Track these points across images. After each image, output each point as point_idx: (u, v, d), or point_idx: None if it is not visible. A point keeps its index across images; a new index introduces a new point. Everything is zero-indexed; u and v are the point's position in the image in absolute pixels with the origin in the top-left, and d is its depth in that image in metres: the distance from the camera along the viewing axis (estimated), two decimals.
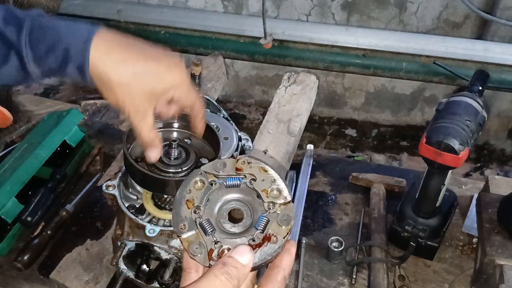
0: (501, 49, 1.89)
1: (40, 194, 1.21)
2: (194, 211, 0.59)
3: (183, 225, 0.58)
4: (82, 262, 1.11)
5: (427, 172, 1.03)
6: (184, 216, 0.59)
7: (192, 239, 0.57)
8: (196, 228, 0.58)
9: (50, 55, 0.70)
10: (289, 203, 0.60)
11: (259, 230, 0.58)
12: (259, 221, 0.58)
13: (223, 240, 0.57)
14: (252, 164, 0.62)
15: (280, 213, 0.59)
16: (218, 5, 2.33)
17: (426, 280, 1.10)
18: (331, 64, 2.05)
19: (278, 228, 0.58)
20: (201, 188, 0.61)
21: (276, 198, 0.60)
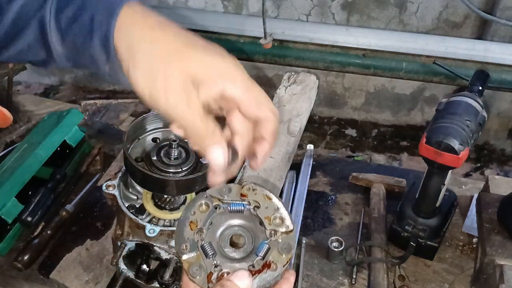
0: (501, 49, 1.89)
1: (40, 194, 1.21)
2: (196, 233, 0.60)
3: (185, 246, 0.58)
4: (82, 262, 1.11)
5: (427, 172, 1.03)
6: (187, 237, 0.59)
7: (192, 261, 0.58)
8: (198, 250, 0.58)
9: (74, 24, 0.56)
10: (291, 232, 0.60)
11: (259, 256, 0.58)
12: (260, 248, 0.59)
13: (223, 264, 0.57)
14: (257, 191, 0.62)
15: (281, 241, 0.59)
16: (218, 5, 2.33)
17: (426, 280, 1.10)
18: (331, 64, 2.05)
19: (279, 256, 0.58)
20: (205, 211, 0.62)
21: (278, 226, 0.60)
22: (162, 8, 2.23)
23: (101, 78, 2.95)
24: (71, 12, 0.57)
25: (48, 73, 3.04)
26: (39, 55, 0.60)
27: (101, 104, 2.81)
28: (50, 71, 3.02)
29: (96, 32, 0.55)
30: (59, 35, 0.58)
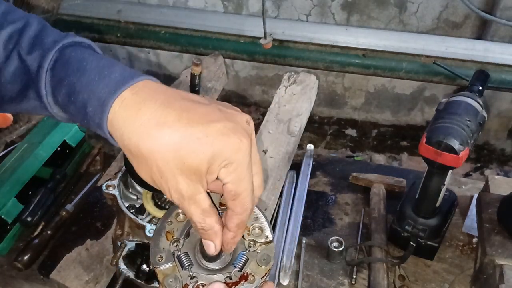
0: (501, 49, 1.89)
1: (40, 194, 1.22)
2: (173, 243, 0.58)
3: (160, 256, 0.57)
4: (82, 262, 1.11)
5: (427, 172, 1.03)
6: (163, 248, 0.58)
7: (168, 272, 0.56)
8: (174, 261, 0.57)
9: (70, 103, 0.54)
10: (270, 243, 0.59)
11: (237, 268, 0.57)
12: (237, 259, 0.58)
13: (200, 276, 0.56)
14: None
15: (260, 252, 0.58)
16: (218, 5, 2.33)
17: (426, 280, 1.10)
18: (331, 64, 2.05)
19: (257, 267, 0.57)
20: (182, 220, 0.60)
21: (257, 237, 0.59)
22: (162, 8, 2.23)
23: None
24: (65, 92, 0.54)
25: None
26: (46, 114, 0.59)
27: None
28: None
29: (91, 120, 0.53)
30: (58, 108, 0.57)
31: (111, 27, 2.22)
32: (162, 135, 0.49)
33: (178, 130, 0.49)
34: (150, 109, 0.50)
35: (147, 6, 2.31)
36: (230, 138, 0.50)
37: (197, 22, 2.12)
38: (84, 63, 0.54)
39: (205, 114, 0.51)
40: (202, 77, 1.26)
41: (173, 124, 0.50)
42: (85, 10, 2.22)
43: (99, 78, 0.53)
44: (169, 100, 0.51)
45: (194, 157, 0.49)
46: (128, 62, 2.81)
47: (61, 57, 0.55)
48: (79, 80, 0.53)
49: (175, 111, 0.50)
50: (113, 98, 0.51)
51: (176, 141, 0.49)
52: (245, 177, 0.52)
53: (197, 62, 1.18)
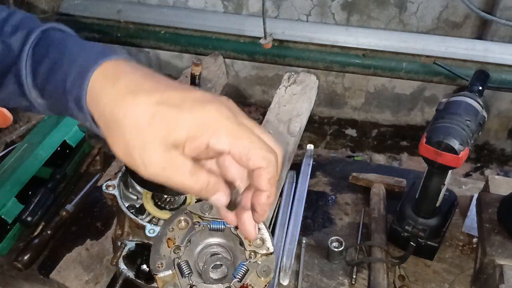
0: (501, 49, 1.89)
1: (40, 194, 1.22)
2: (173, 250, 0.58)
3: (161, 263, 0.57)
4: (82, 262, 1.11)
5: (427, 172, 1.03)
6: (163, 255, 0.57)
7: (167, 279, 0.56)
8: (174, 268, 0.56)
9: (50, 80, 0.54)
10: (271, 255, 0.58)
11: (236, 278, 0.56)
12: (238, 269, 0.57)
13: (199, 285, 0.56)
14: None
15: (260, 263, 0.57)
16: (218, 5, 2.33)
17: (426, 280, 1.10)
18: (331, 64, 2.05)
19: (257, 279, 0.56)
20: (184, 227, 0.60)
21: (258, 248, 0.59)
22: (162, 8, 2.23)
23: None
24: (45, 69, 0.54)
25: None
26: (22, 104, 0.59)
27: None
28: None
29: (69, 95, 0.52)
30: (37, 92, 0.56)
31: (111, 27, 2.22)
32: (137, 100, 0.48)
33: (154, 96, 0.48)
34: (129, 77, 0.50)
35: (147, 6, 2.31)
36: (209, 104, 0.48)
37: (197, 22, 2.12)
38: (66, 42, 0.55)
39: (183, 88, 0.50)
40: (202, 77, 1.26)
41: (150, 90, 0.48)
42: (85, 10, 2.22)
43: (81, 51, 0.53)
44: (149, 73, 0.51)
45: (172, 124, 0.47)
46: None
47: (44, 37, 0.56)
48: (60, 54, 0.53)
49: (153, 81, 0.50)
50: (94, 66, 0.50)
51: (152, 106, 0.47)
52: (243, 134, 0.49)
53: (197, 62, 1.18)
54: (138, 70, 0.51)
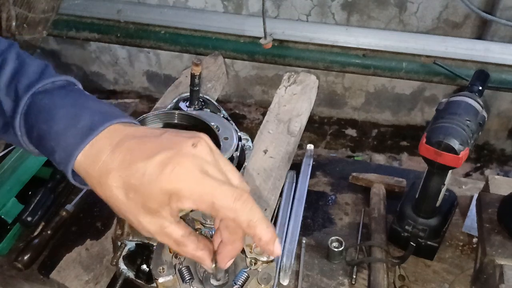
0: (501, 49, 1.89)
1: (40, 194, 1.21)
2: (175, 256, 0.58)
3: (162, 268, 0.57)
4: (82, 262, 1.11)
5: (427, 172, 1.03)
6: (165, 260, 0.58)
7: (168, 284, 0.56)
8: (175, 273, 0.57)
9: (41, 147, 0.58)
10: (271, 262, 0.59)
11: (237, 285, 0.57)
12: (238, 276, 0.57)
13: None
14: None
15: (261, 271, 0.58)
16: (218, 5, 2.34)
17: (426, 280, 1.10)
18: (331, 64, 2.05)
19: (257, 286, 0.57)
20: None
21: (259, 255, 0.59)
22: (162, 8, 2.23)
23: (102, 78, 2.95)
24: (36, 137, 0.58)
25: None
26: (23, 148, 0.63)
27: None
28: None
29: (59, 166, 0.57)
30: (33, 147, 0.60)
31: (111, 27, 2.22)
32: (110, 182, 0.52)
33: (122, 174, 0.51)
34: (102, 158, 0.53)
35: (147, 6, 2.32)
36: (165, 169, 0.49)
37: (197, 22, 2.12)
38: (54, 112, 0.56)
39: (147, 149, 0.51)
40: (202, 77, 1.26)
41: (118, 169, 0.51)
42: (85, 10, 2.22)
43: (66, 130, 0.55)
44: (120, 143, 0.53)
45: (140, 196, 0.50)
46: (128, 62, 2.82)
47: (33, 104, 0.58)
48: (48, 129, 0.56)
49: (121, 154, 0.52)
50: (78, 150, 0.54)
51: (122, 184, 0.51)
52: (206, 193, 0.49)
53: (197, 62, 1.18)
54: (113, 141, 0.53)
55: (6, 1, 1.49)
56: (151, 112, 0.93)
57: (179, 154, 0.50)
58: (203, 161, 0.50)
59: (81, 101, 0.58)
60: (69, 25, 2.25)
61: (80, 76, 2.95)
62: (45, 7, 1.96)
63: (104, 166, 0.52)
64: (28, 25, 1.40)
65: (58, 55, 2.89)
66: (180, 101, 1.20)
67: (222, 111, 1.15)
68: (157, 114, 0.92)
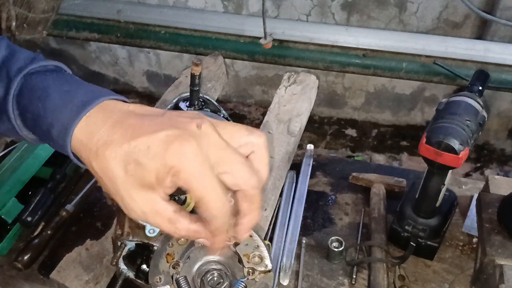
0: (501, 49, 1.89)
1: (40, 194, 1.22)
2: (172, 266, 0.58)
3: (159, 278, 0.57)
4: (82, 262, 1.11)
5: (427, 172, 1.03)
6: (162, 270, 0.58)
7: None
8: (172, 283, 0.57)
9: (36, 127, 0.58)
10: (269, 272, 0.58)
11: None
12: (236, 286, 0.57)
13: None
14: None
15: (258, 281, 0.58)
16: (218, 5, 2.34)
17: (426, 280, 1.10)
18: (331, 64, 2.05)
19: None
20: (183, 243, 0.60)
21: (256, 265, 0.59)
22: (162, 8, 2.23)
23: (102, 78, 2.95)
24: (31, 117, 0.58)
25: None
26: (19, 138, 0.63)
27: None
28: None
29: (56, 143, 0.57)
30: (28, 131, 0.60)
31: (111, 27, 2.22)
32: (108, 153, 0.51)
33: (122, 146, 0.50)
34: (101, 130, 0.53)
35: (147, 6, 2.31)
36: (172, 145, 0.49)
37: (197, 22, 2.12)
38: (48, 90, 0.57)
39: (151, 126, 0.51)
40: (202, 77, 1.26)
41: (118, 141, 0.51)
42: (85, 10, 2.22)
43: (62, 104, 0.55)
44: (120, 119, 0.53)
45: (141, 169, 0.50)
46: (128, 62, 2.82)
47: (26, 84, 0.58)
48: (43, 106, 0.56)
49: (122, 128, 0.52)
50: (74, 124, 0.54)
51: (122, 156, 0.50)
52: (200, 182, 0.49)
53: (197, 62, 1.18)
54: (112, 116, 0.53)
55: (6, 1, 1.49)
56: None
57: (186, 133, 0.50)
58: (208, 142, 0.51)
59: (74, 81, 0.59)
60: (69, 25, 2.25)
61: (80, 76, 2.95)
62: (45, 7, 1.96)
63: (103, 138, 0.52)
64: (28, 25, 1.40)
65: (58, 55, 2.89)
66: (180, 101, 1.20)
67: (222, 111, 1.15)
68: None
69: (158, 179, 0.50)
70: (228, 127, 0.54)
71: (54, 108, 0.55)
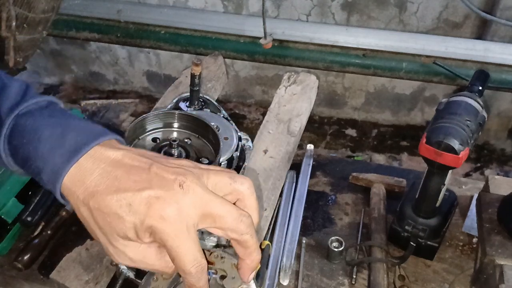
0: (501, 49, 1.89)
1: (40, 194, 1.21)
2: None
3: None
4: (82, 262, 1.11)
5: (427, 172, 1.03)
6: None
7: None
8: None
9: (26, 167, 0.58)
10: None
11: None
12: None
13: None
14: (225, 259, 0.60)
15: None
16: (218, 5, 2.34)
17: (426, 280, 1.10)
18: (331, 64, 2.05)
19: None
20: (168, 277, 0.59)
21: None
22: (162, 8, 2.23)
23: (102, 78, 2.95)
24: (21, 159, 0.58)
25: (48, 73, 3.04)
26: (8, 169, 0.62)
27: (101, 104, 2.81)
28: (50, 71, 3.03)
29: (46, 186, 0.57)
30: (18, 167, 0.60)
31: (111, 27, 2.22)
32: (92, 203, 0.53)
33: (105, 198, 0.52)
34: (88, 180, 0.53)
35: (147, 6, 2.32)
36: (153, 206, 0.50)
37: (197, 22, 2.12)
38: (39, 132, 0.56)
39: (136, 182, 0.52)
40: (202, 77, 1.26)
41: (103, 192, 0.52)
42: (85, 10, 2.23)
43: (52, 150, 0.55)
44: (107, 169, 0.54)
45: (120, 223, 0.51)
46: (128, 62, 2.82)
47: (17, 125, 0.58)
48: (34, 150, 0.56)
49: (108, 179, 0.53)
50: (64, 171, 0.54)
51: (104, 208, 0.52)
52: (175, 243, 0.51)
53: (197, 62, 1.18)
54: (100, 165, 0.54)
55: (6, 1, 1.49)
56: (151, 112, 0.93)
57: (168, 195, 0.51)
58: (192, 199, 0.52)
59: (65, 121, 0.59)
60: (69, 25, 2.25)
61: (80, 76, 2.96)
62: (45, 7, 1.96)
63: (90, 187, 0.53)
64: (28, 25, 1.40)
65: (58, 55, 2.90)
66: (180, 101, 1.20)
67: (222, 111, 1.15)
68: (157, 114, 0.92)
69: (136, 234, 0.52)
70: (211, 177, 0.55)
71: (44, 153, 0.55)
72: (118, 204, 0.51)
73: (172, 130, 0.92)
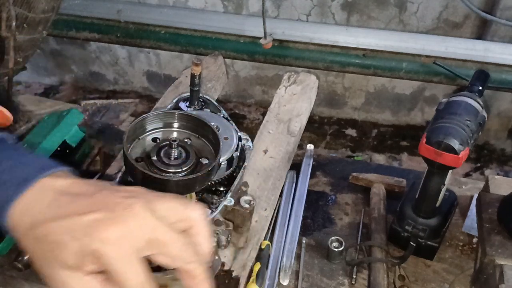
0: (501, 49, 1.89)
1: None
2: None
3: None
4: None
5: (427, 172, 1.03)
6: None
7: None
8: None
9: None
10: None
11: None
12: None
13: None
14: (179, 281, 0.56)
15: None
16: (218, 5, 2.34)
17: (426, 280, 1.10)
18: (331, 64, 2.05)
19: None
20: None
21: None
22: (162, 8, 2.23)
23: (102, 78, 2.95)
24: None
25: (48, 73, 3.04)
26: None
27: (101, 104, 2.82)
28: (50, 71, 3.03)
29: None
30: None
31: (111, 27, 2.22)
32: (35, 234, 0.52)
33: (48, 227, 0.51)
34: (34, 211, 0.53)
35: (147, 6, 2.32)
36: (96, 228, 0.49)
37: (197, 22, 2.12)
38: None
39: (80, 207, 0.52)
40: (202, 77, 1.26)
41: (46, 221, 0.51)
42: (85, 10, 2.23)
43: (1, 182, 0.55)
44: (53, 200, 0.53)
45: (64, 250, 0.50)
46: (128, 62, 2.82)
47: None
48: None
49: (53, 208, 0.52)
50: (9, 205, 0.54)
51: (45, 236, 0.51)
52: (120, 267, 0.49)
53: (197, 62, 1.18)
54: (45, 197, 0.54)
55: (6, 1, 1.49)
56: (151, 112, 0.93)
57: (112, 217, 0.50)
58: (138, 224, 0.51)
59: (15, 156, 0.59)
60: (69, 25, 2.25)
61: (80, 76, 2.96)
62: (45, 7, 1.96)
63: (35, 218, 0.53)
64: (28, 25, 1.40)
65: (58, 55, 2.90)
66: (180, 101, 1.20)
67: (222, 111, 1.15)
68: (157, 114, 0.92)
69: (79, 261, 0.50)
70: (165, 204, 0.54)
71: None
72: (61, 230, 0.50)
73: (172, 130, 0.92)
